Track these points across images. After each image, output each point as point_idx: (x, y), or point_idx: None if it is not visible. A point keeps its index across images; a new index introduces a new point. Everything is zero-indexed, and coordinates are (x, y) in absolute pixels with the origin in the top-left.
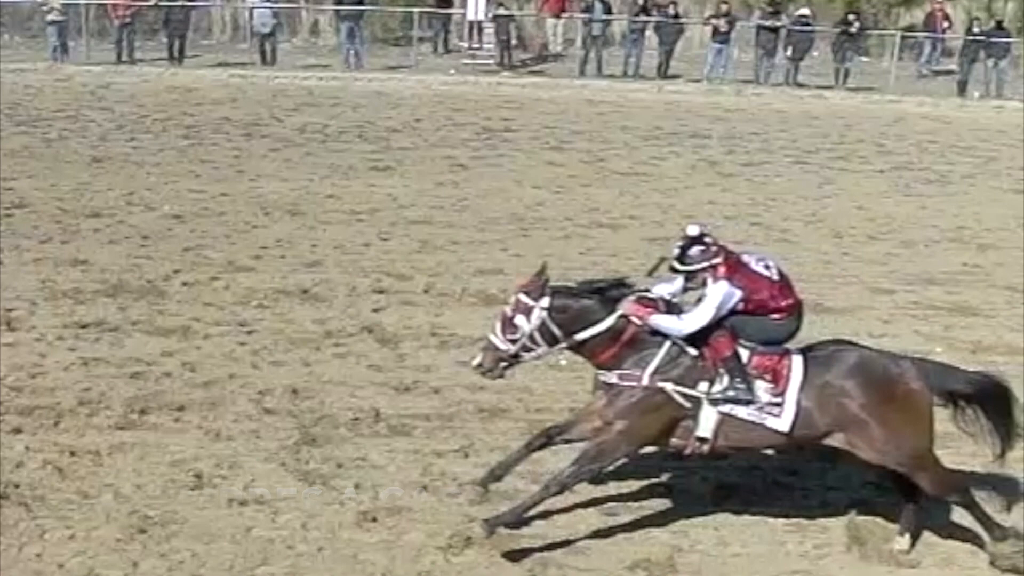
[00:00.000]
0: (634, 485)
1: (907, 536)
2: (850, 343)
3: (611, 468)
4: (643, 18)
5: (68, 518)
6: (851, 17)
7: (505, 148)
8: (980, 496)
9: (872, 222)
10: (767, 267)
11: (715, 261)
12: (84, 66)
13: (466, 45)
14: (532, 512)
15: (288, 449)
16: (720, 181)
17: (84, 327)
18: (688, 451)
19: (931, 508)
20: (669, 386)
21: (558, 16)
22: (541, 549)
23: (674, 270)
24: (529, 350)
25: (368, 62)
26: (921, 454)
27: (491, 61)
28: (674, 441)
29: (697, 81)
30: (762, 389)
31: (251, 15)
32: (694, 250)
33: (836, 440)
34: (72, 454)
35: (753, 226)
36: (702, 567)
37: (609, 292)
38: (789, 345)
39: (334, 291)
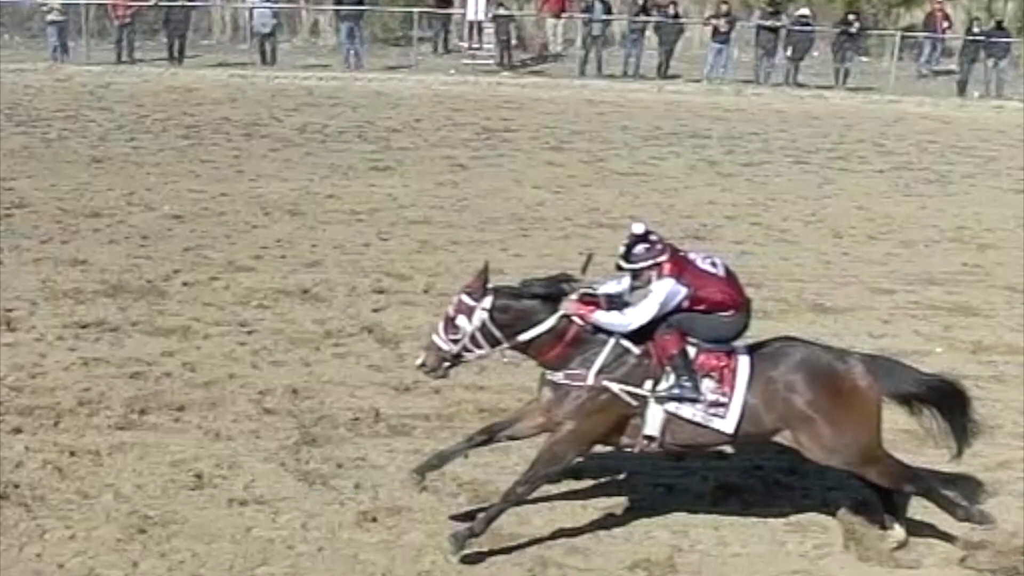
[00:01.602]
0: (634, 485)
1: (898, 526)
2: (798, 340)
3: (609, 469)
4: (643, 18)
5: (68, 518)
6: (851, 17)
7: (505, 148)
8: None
9: (872, 222)
10: (714, 265)
11: (660, 259)
12: (84, 66)
13: (466, 45)
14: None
15: (288, 449)
16: (720, 181)
17: (84, 327)
18: (637, 449)
19: (928, 509)
20: (615, 385)
21: (558, 16)
22: (541, 549)
23: (620, 268)
24: (471, 350)
25: (368, 62)
26: (868, 451)
27: (491, 61)
28: (624, 440)
29: (697, 81)
30: (708, 387)
31: (251, 15)
32: (639, 248)
33: (784, 438)
34: (72, 454)
35: (753, 226)
36: (702, 567)
37: (551, 292)
38: (737, 343)
39: (334, 291)
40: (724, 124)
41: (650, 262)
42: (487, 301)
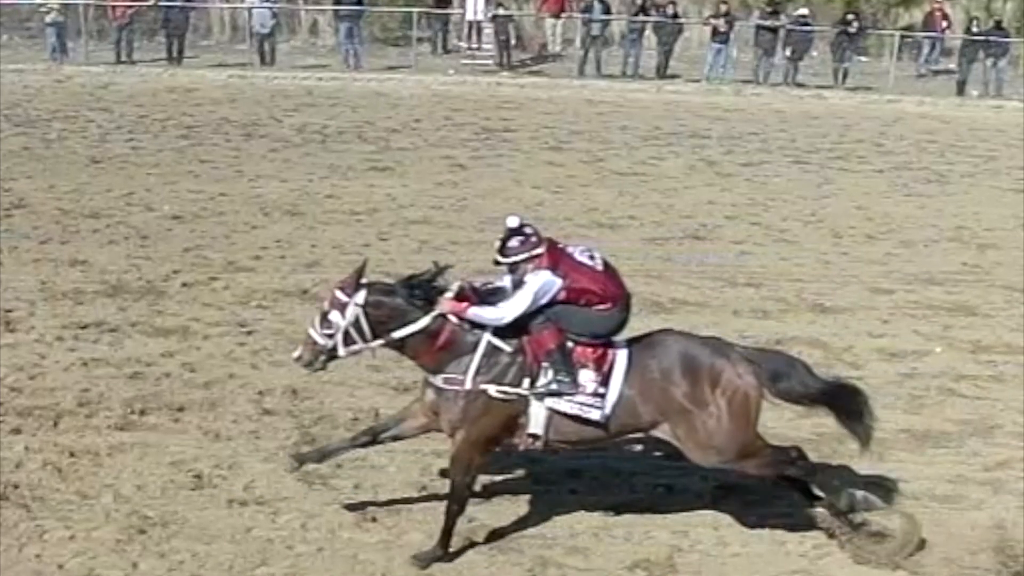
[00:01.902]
0: (634, 485)
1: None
2: (679, 332)
3: (609, 469)
4: (642, 18)
5: (68, 518)
6: (850, 17)
7: (505, 148)
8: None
9: (872, 222)
10: (592, 258)
11: (536, 252)
12: (83, 66)
13: (465, 45)
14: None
15: (288, 449)
16: (720, 181)
17: (84, 327)
18: (522, 448)
19: (929, 509)
20: (492, 388)
21: (557, 16)
22: (541, 549)
23: (497, 263)
24: (346, 345)
25: (367, 62)
26: (744, 447)
27: (490, 61)
28: (514, 439)
29: (696, 81)
30: (587, 380)
31: (250, 15)
32: (514, 241)
33: (662, 431)
34: (72, 454)
35: (753, 226)
36: (702, 567)
37: (427, 290)
38: (618, 336)
39: None
40: (724, 124)
41: (525, 255)
42: (360, 296)
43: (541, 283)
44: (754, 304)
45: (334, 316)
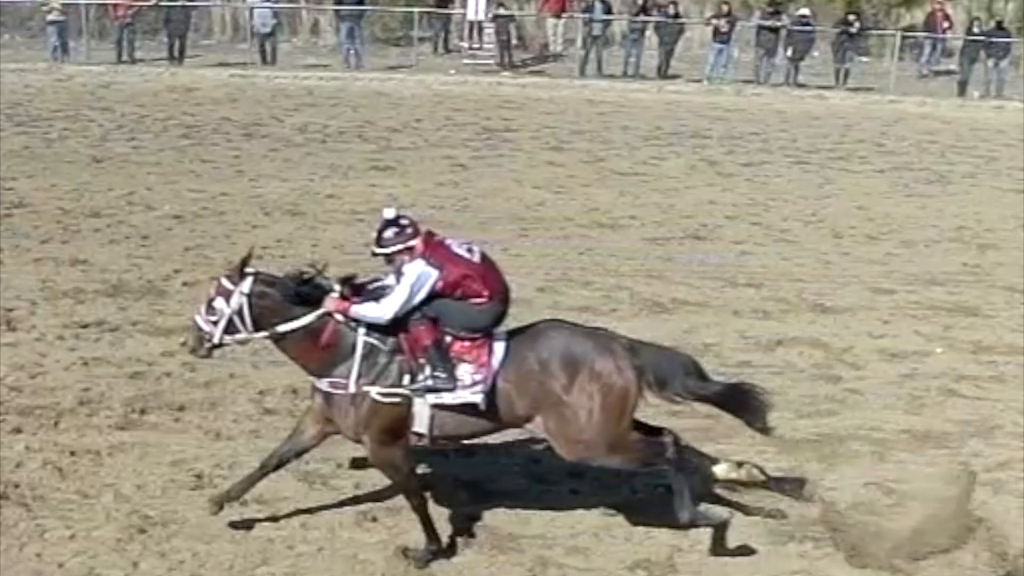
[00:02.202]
0: (634, 485)
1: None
2: (563, 323)
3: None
4: (643, 18)
5: (68, 518)
6: (851, 17)
7: (505, 148)
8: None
9: (872, 222)
10: (469, 251)
11: (411, 243)
12: (84, 66)
13: (466, 45)
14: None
15: None
16: (720, 181)
17: (84, 327)
18: (410, 445)
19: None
20: (374, 389)
21: (558, 16)
22: (541, 549)
23: (374, 254)
24: (231, 333)
25: (368, 62)
26: (614, 443)
27: (491, 61)
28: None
29: (697, 81)
30: (465, 374)
31: (251, 15)
32: (389, 232)
33: (536, 425)
34: (72, 454)
35: (753, 226)
36: (702, 567)
37: (314, 287)
38: (498, 328)
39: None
40: (724, 124)
41: (400, 246)
42: (246, 285)
43: (417, 274)
44: (754, 304)
45: (219, 303)
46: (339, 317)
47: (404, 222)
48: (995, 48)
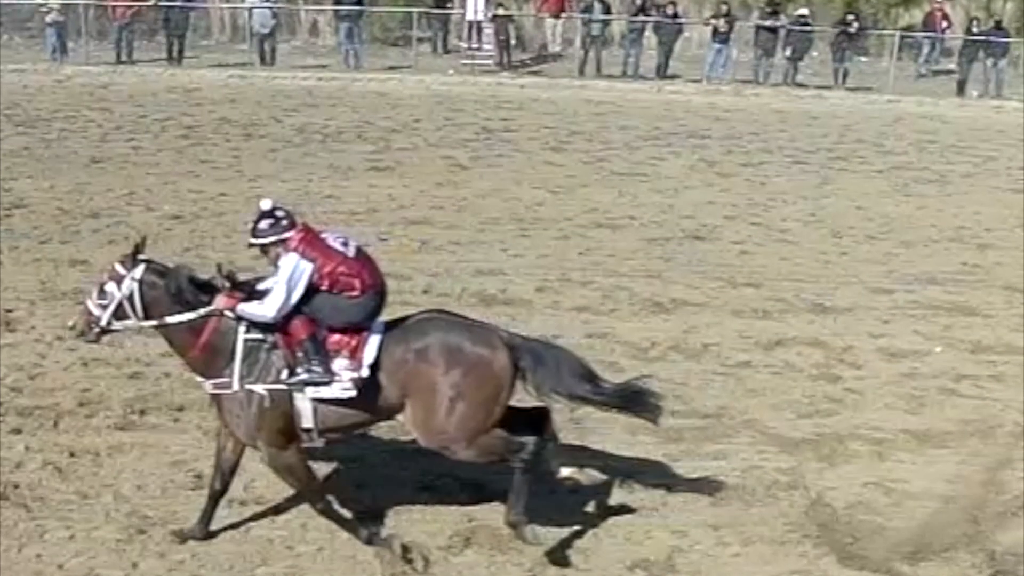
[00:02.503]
0: (634, 485)
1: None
2: (444, 314)
3: (609, 469)
4: (642, 18)
5: (68, 518)
6: (850, 17)
7: (505, 148)
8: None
9: (872, 222)
10: (345, 244)
11: (285, 235)
12: (84, 66)
13: (465, 45)
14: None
15: None
16: (720, 181)
17: None
18: (303, 442)
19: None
20: (258, 387)
21: (557, 16)
22: (541, 549)
23: (249, 245)
24: (120, 319)
25: (367, 62)
26: (474, 436)
27: (490, 61)
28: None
29: (696, 81)
30: (341, 367)
31: (250, 15)
32: (263, 223)
33: (404, 414)
34: (72, 454)
35: (753, 226)
36: (702, 567)
37: (205, 284)
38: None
39: None
40: (723, 124)
41: (274, 237)
42: (138, 271)
43: (291, 268)
44: (754, 304)
45: (110, 287)
46: (228, 314)
47: (280, 214)
48: (994, 48)
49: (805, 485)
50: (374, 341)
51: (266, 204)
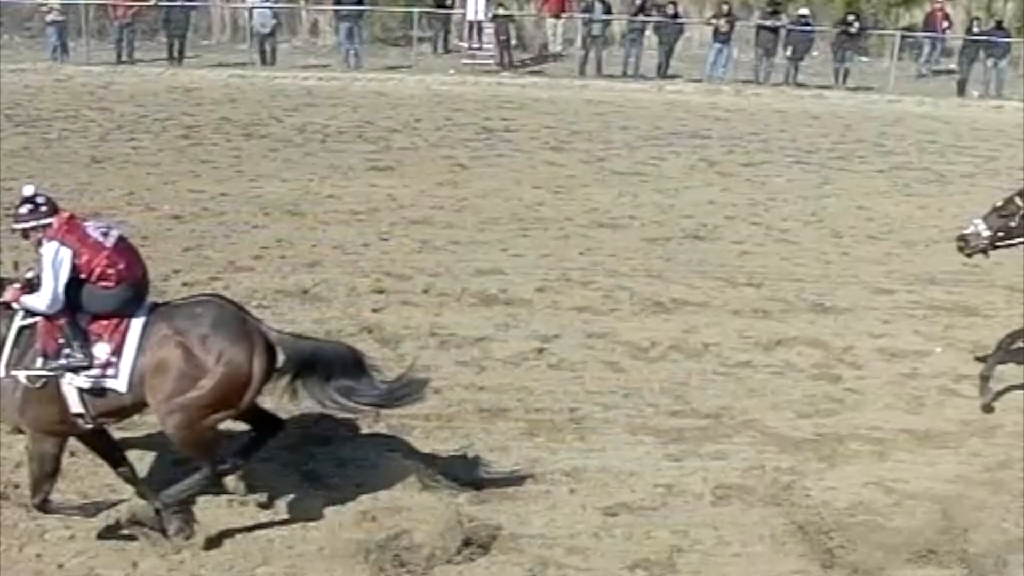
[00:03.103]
0: (634, 485)
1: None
2: (216, 299)
3: (609, 468)
4: (642, 18)
5: (68, 518)
6: (851, 17)
7: (505, 148)
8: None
9: (872, 222)
10: (105, 235)
11: (44, 221)
12: (84, 66)
13: (466, 45)
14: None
15: (288, 449)
16: (720, 181)
17: None
18: (79, 430)
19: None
20: (21, 373)
21: (558, 16)
22: (541, 549)
23: (12, 230)
24: None
25: (367, 62)
26: (202, 431)
27: (491, 61)
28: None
29: (697, 81)
30: (101, 353)
31: (251, 15)
32: (24, 209)
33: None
34: (72, 454)
35: (753, 226)
36: (702, 567)
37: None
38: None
39: (334, 291)
40: (724, 124)
41: (34, 223)
42: None
43: (52, 254)
44: (754, 304)
45: None
46: (15, 306)
47: (40, 200)
48: (994, 48)
49: (805, 485)
50: (137, 326)
51: (28, 190)
